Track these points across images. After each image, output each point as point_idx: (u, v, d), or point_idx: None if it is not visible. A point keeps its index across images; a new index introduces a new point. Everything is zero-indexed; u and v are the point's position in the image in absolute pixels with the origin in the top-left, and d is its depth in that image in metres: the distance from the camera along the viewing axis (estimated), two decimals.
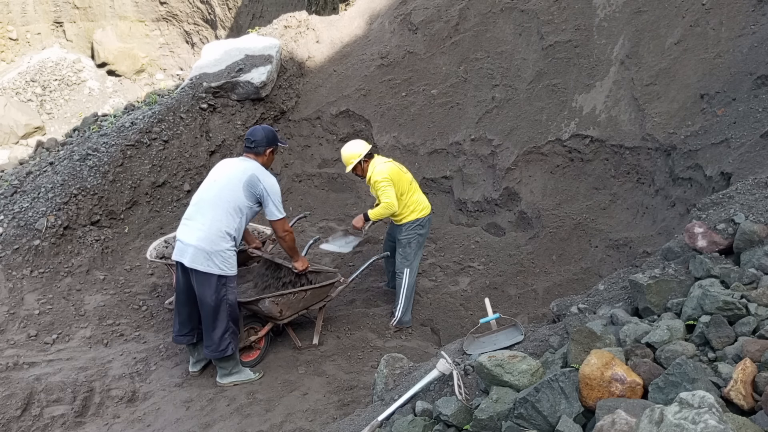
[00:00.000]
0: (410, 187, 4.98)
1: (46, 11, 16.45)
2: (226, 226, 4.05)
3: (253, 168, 4.19)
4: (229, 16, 16.19)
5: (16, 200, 5.74)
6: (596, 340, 2.29)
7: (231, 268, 4.11)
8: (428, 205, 5.12)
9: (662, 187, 5.11)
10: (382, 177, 4.81)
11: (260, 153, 4.31)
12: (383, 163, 4.96)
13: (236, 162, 4.32)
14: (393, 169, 4.91)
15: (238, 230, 4.15)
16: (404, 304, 5.06)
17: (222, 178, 4.19)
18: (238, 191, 4.10)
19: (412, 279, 5.06)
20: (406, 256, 5.04)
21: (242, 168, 4.20)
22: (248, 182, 4.11)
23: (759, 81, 4.53)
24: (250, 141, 4.30)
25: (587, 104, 6.01)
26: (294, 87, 7.90)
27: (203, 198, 4.15)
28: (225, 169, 4.27)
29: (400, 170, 4.98)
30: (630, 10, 6.02)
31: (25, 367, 4.35)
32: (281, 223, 4.28)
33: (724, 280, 2.45)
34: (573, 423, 1.88)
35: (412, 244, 5.01)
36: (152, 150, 6.46)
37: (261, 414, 3.96)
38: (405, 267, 5.04)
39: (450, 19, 7.47)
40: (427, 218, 5.07)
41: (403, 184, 4.91)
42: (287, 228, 4.35)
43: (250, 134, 4.33)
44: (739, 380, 1.74)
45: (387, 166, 4.91)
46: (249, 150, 4.32)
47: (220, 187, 4.14)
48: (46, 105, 15.13)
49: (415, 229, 5.00)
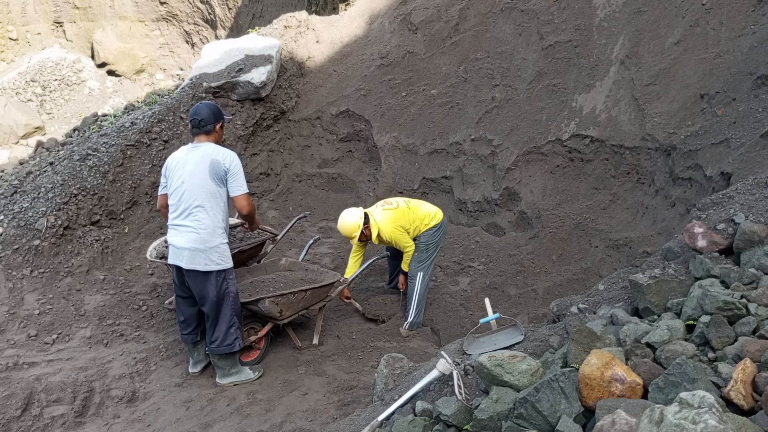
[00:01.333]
0: (410, 213, 4.95)
1: (46, 11, 16.45)
2: (214, 222, 4.02)
3: (209, 151, 4.03)
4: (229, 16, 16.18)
5: (16, 200, 5.74)
6: (596, 340, 2.29)
7: (228, 261, 4.10)
8: (437, 210, 5.11)
9: (662, 187, 5.11)
10: (395, 232, 4.85)
11: (211, 131, 4.15)
12: (385, 219, 4.89)
13: (189, 152, 4.10)
14: (392, 216, 4.89)
15: (225, 218, 4.12)
16: (416, 308, 5.04)
17: (187, 176, 4.03)
18: (208, 183, 3.98)
19: (425, 283, 5.05)
20: (421, 261, 5.01)
21: (198, 157, 4.02)
22: (211, 168, 3.97)
23: (759, 81, 4.53)
24: (197, 121, 4.10)
25: (587, 104, 6.01)
26: (294, 87, 7.91)
27: (180, 200, 4.03)
28: (186, 166, 4.06)
29: (396, 210, 4.93)
30: (630, 10, 6.02)
31: (25, 367, 4.35)
32: (245, 198, 4.10)
33: (724, 280, 2.45)
34: (573, 423, 1.88)
35: (430, 248, 5.02)
36: (152, 150, 6.46)
37: (261, 414, 3.96)
38: (419, 271, 5.00)
39: (450, 19, 7.47)
40: (443, 222, 5.09)
41: (408, 219, 4.92)
42: (251, 202, 4.18)
43: (196, 114, 4.11)
44: (739, 380, 1.74)
45: (387, 219, 4.87)
46: (199, 130, 4.12)
47: (191, 187, 4.00)
48: (46, 105, 15.12)
49: (433, 236, 5.02)
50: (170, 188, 4.13)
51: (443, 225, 5.10)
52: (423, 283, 5.01)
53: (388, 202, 5.06)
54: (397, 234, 4.88)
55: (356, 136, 7.60)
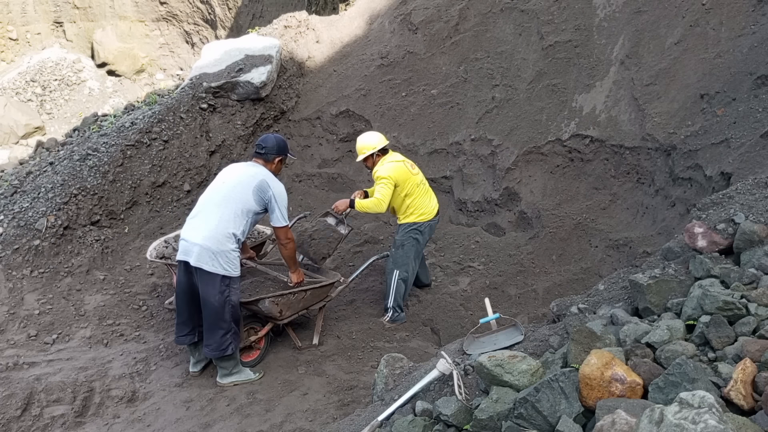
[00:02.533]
0: (416, 190, 4.95)
1: (46, 11, 16.45)
2: (233, 228, 4.08)
3: (263, 174, 4.23)
4: (229, 16, 16.18)
5: (16, 200, 5.74)
6: (596, 340, 2.29)
7: (235, 269, 4.12)
8: (432, 212, 5.07)
9: (662, 187, 5.11)
10: (385, 174, 4.82)
11: (269, 160, 4.36)
12: (393, 161, 4.94)
13: (246, 166, 4.36)
14: (400, 168, 4.89)
15: (243, 233, 4.18)
16: (393, 302, 5.07)
17: (231, 180, 4.22)
18: (248, 194, 4.13)
19: (401, 282, 5.02)
20: (395, 258, 5.03)
21: (252, 173, 4.24)
22: (258, 187, 4.14)
23: (759, 81, 4.53)
24: (261, 147, 4.36)
25: (587, 104, 6.01)
26: (294, 87, 7.90)
27: (211, 198, 4.18)
28: (235, 172, 4.31)
29: (408, 171, 4.95)
30: (630, 10, 6.02)
31: (25, 367, 4.35)
32: (285, 231, 4.30)
33: (724, 280, 2.45)
34: (573, 423, 1.88)
35: (405, 246, 4.99)
36: (152, 150, 6.46)
37: (261, 414, 3.96)
38: (394, 268, 5.03)
39: (450, 19, 7.47)
40: (426, 224, 5.02)
41: (408, 185, 4.90)
42: (290, 236, 4.37)
43: (262, 141, 4.40)
44: (739, 380, 1.74)
45: (394, 165, 4.89)
46: (259, 156, 4.36)
47: (229, 189, 4.16)
48: (46, 105, 15.12)
49: (411, 233, 4.98)
50: (212, 183, 4.30)
51: (426, 229, 5.02)
52: (397, 281, 5.01)
53: (413, 165, 5.10)
54: (381, 179, 4.81)
55: (356, 136, 7.56)
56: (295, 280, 4.54)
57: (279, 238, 4.35)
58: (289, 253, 4.41)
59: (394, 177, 4.83)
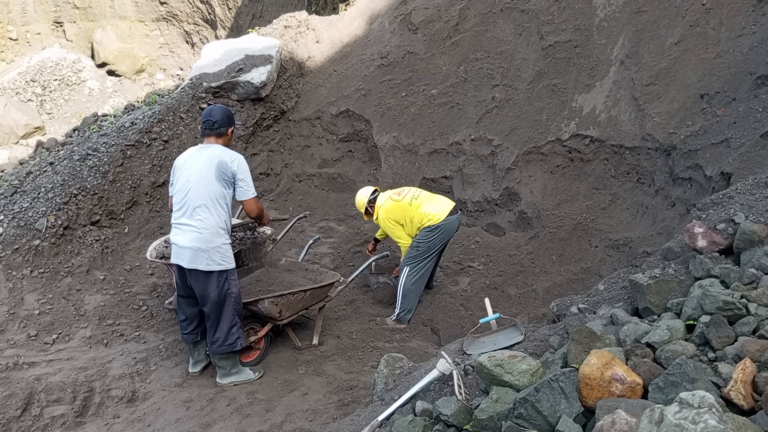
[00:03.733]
0: (412, 208, 5.03)
1: (46, 11, 16.45)
2: (217, 222, 4.02)
3: (218, 153, 4.04)
4: (229, 16, 16.18)
5: (16, 200, 5.73)
6: (596, 340, 2.29)
7: (230, 261, 4.10)
8: (444, 212, 5.01)
9: (662, 187, 5.11)
10: (385, 223, 5.16)
11: (222, 134, 4.17)
12: (383, 207, 5.18)
13: (199, 152, 4.12)
14: (391, 207, 5.14)
15: (228, 220, 4.12)
16: (401, 302, 5.06)
17: (192, 175, 4.04)
18: (214, 183, 3.99)
19: (411, 280, 5.03)
20: (410, 257, 5.07)
21: (206, 158, 4.04)
22: (218, 169, 3.99)
23: (759, 81, 4.53)
24: (211, 123, 4.12)
25: (587, 104, 6.01)
26: (294, 87, 7.90)
27: (184, 199, 4.04)
28: (192, 165, 4.08)
29: (396, 203, 5.12)
30: (630, 10, 6.02)
31: (25, 367, 4.35)
32: (254, 202, 4.16)
33: (724, 280, 2.45)
34: (573, 423, 1.88)
35: (421, 247, 5.02)
36: (152, 150, 6.45)
37: (261, 414, 3.96)
38: (406, 266, 5.07)
39: (450, 19, 7.47)
40: (440, 225, 4.99)
41: (405, 214, 5.05)
42: (260, 205, 4.24)
43: (209, 116, 4.13)
44: (739, 380, 1.74)
45: (384, 212, 5.16)
46: (211, 132, 4.14)
47: (195, 186, 4.01)
48: (46, 105, 15.12)
49: (426, 236, 5.02)
50: (176, 187, 4.14)
51: (442, 227, 5.01)
52: (409, 278, 5.03)
53: (398, 192, 5.26)
54: (386, 224, 5.16)
55: (356, 136, 7.60)
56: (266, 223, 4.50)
57: (250, 211, 4.19)
58: (266, 220, 4.40)
59: (391, 217, 5.11)
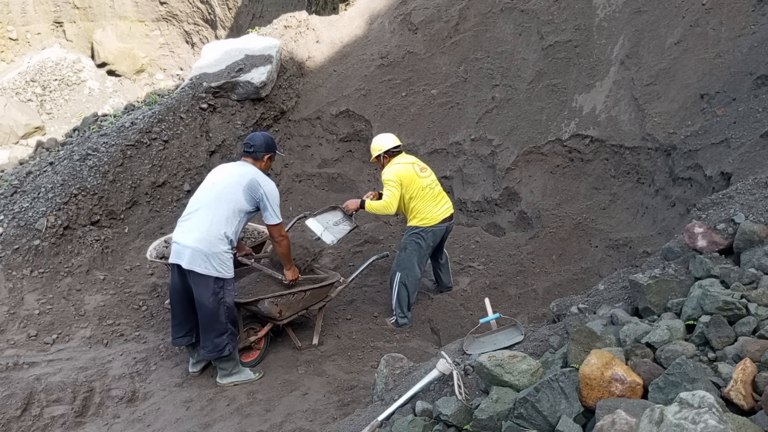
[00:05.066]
0: (421, 193, 4.89)
1: (46, 11, 16.45)
2: (225, 229, 4.05)
3: (252, 172, 4.22)
4: (229, 16, 16.18)
5: (16, 200, 5.74)
6: (596, 340, 2.29)
7: (228, 271, 4.10)
8: (436, 218, 4.93)
9: (662, 187, 5.11)
10: (390, 177, 4.84)
11: (259, 158, 4.36)
12: (401, 163, 4.93)
13: (235, 166, 4.34)
14: (407, 171, 4.87)
15: (236, 233, 4.16)
16: (397, 306, 5.05)
17: (221, 180, 4.20)
18: (239, 194, 4.11)
19: (403, 285, 4.98)
20: (398, 261, 5.02)
21: (242, 172, 4.22)
22: (249, 186, 4.13)
23: (759, 81, 4.52)
24: (249, 146, 4.35)
25: (587, 104, 6.01)
26: (294, 87, 7.90)
27: (201, 200, 4.14)
28: (224, 172, 4.29)
29: (415, 174, 4.90)
30: (630, 10, 6.02)
31: (25, 367, 4.35)
32: (278, 228, 4.29)
33: (724, 280, 2.45)
34: (573, 423, 1.88)
35: (407, 249, 4.96)
36: (152, 150, 6.45)
37: (261, 414, 3.96)
38: (396, 271, 5.01)
39: (450, 19, 7.47)
40: (429, 229, 4.90)
41: (413, 188, 4.86)
42: (283, 233, 4.36)
43: (250, 139, 4.38)
44: (739, 380, 1.74)
45: (400, 167, 4.88)
46: (248, 154, 4.36)
47: (219, 190, 4.14)
48: (46, 105, 15.12)
49: (413, 237, 4.95)
50: (200, 187, 4.26)
51: (428, 234, 4.91)
52: (399, 284, 4.98)
53: (423, 168, 5.06)
54: (388, 182, 4.85)
55: (356, 136, 7.60)
56: (290, 277, 4.51)
57: (273, 236, 4.34)
58: (284, 251, 4.39)
59: (398, 178, 4.83)
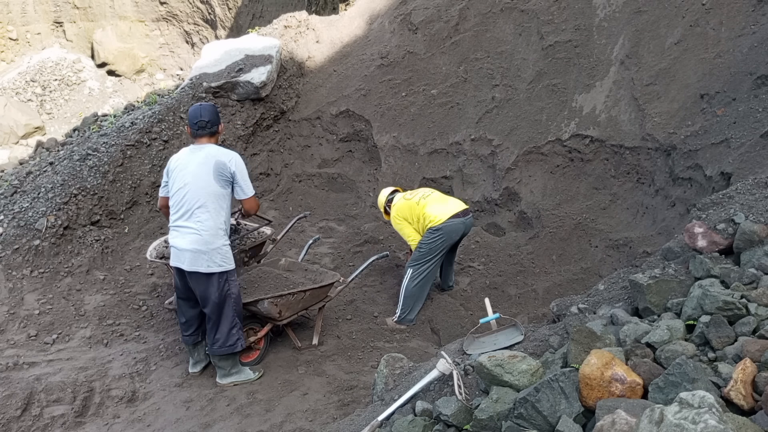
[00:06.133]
0: (418, 208, 5.09)
1: (46, 11, 16.44)
2: (216, 223, 4.01)
3: (213, 153, 4.00)
4: (229, 16, 16.18)
5: (16, 200, 5.73)
6: (596, 340, 2.29)
7: (230, 262, 4.10)
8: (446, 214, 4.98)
9: (662, 187, 5.11)
10: (395, 219, 5.26)
11: (215, 132, 4.12)
12: (396, 204, 5.30)
13: (192, 154, 4.06)
14: (400, 206, 5.24)
15: (227, 221, 4.12)
16: (403, 303, 5.05)
17: (191, 177, 3.99)
18: (212, 184, 3.96)
19: (413, 283, 5.01)
20: (414, 259, 5.07)
21: (202, 159, 3.99)
22: (216, 169, 3.95)
23: (759, 81, 4.52)
24: (204, 122, 4.03)
25: (587, 104, 6.01)
26: (294, 87, 7.90)
27: (183, 202, 4.01)
28: (188, 167, 4.03)
29: (405, 203, 5.22)
30: (630, 10, 6.02)
31: (25, 367, 4.35)
32: (253, 201, 4.15)
33: (724, 280, 2.45)
34: (573, 423, 1.88)
35: (422, 249, 5.01)
36: (152, 150, 6.45)
37: (261, 414, 3.96)
38: (409, 267, 5.08)
39: (450, 19, 7.47)
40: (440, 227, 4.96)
41: (414, 213, 5.12)
42: (258, 204, 4.27)
43: (201, 116, 4.03)
44: (739, 380, 1.73)
45: (395, 208, 5.27)
46: (203, 132, 4.06)
47: (192, 188, 3.98)
48: (46, 105, 15.12)
49: (427, 238, 5.01)
50: (172, 190, 4.09)
51: (442, 229, 4.96)
52: (411, 280, 5.03)
53: (411, 192, 5.37)
54: (395, 222, 5.26)
55: (356, 136, 7.60)
56: None
57: (249, 210, 4.20)
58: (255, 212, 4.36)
59: (401, 215, 5.20)
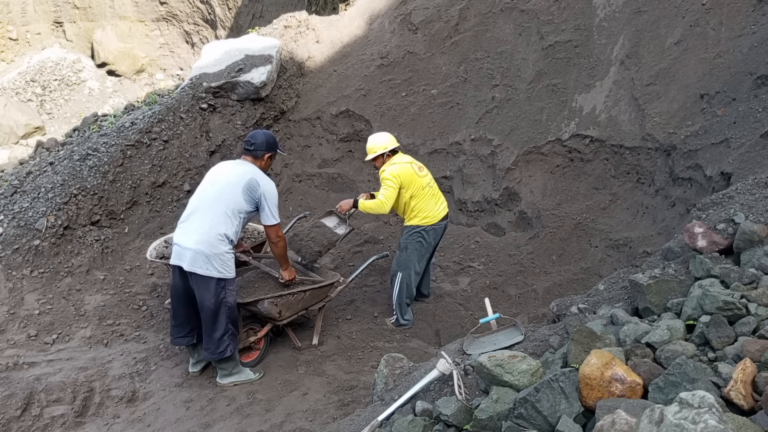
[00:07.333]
0: (422, 192, 4.90)
1: (46, 11, 16.44)
2: (225, 229, 4.04)
3: (252, 172, 4.18)
4: (229, 16, 16.18)
5: (16, 200, 5.74)
6: (596, 340, 2.29)
7: (230, 271, 4.10)
8: (437, 216, 4.95)
9: (662, 187, 5.11)
10: (390, 175, 4.79)
11: (259, 156, 4.32)
12: (400, 162, 4.91)
13: (234, 165, 4.30)
14: (406, 171, 4.84)
15: (236, 233, 4.15)
16: (398, 307, 5.05)
17: (220, 180, 4.17)
18: (237, 195, 4.08)
19: (404, 285, 4.99)
20: (399, 261, 5.01)
21: (241, 171, 4.18)
22: (247, 186, 4.10)
23: (759, 81, 4.52)
24: (249, 144, 4.31)
25: (587, 104, 6.01)
26: (294, 87, 7.90)
27: (201, 201, 4.12)
28: (223, 171, 4.25)
29: (415, 173, 4.89)
30: (630, 10, 6.02)
31: (25, 367, 4.35)
32: (275, 229, 4.27)
33: (724, 280, 2.45)
34: (573, 423, 1.88)
35: (408, 249, 4.97)
36: (152, 150, 6.45)
37: (261, 414, 3.96)
38: (398, 271, 5.01)
39: (450, 19, 7.47)
40: (430, 228, 4.93)
41: (414, 187, 4.85)
42: (280, 234, 4.33)
43: (251, 137, 4.34)
44: (739, 380, 1.74)
45: (400, 167, 4.85)
46: (248, 152, 4.32)
47: (218, 190, 4.11)
48: (46, 105, 15.11)
49: (414, 236, 4.95)
50: (198, 188, 4.23)
51: (429, 233, 4.93)
52: (400, 284, 4.98)
53: (420, 167, 5.04)
54: (386, 180, 4.80)
55: (356, 136, 7.60)
56: (286, 277, 4.49)
57: (269, 236, 4.31)
58: (280, 251, 4.37)
59: (400, 178, 4.80)
